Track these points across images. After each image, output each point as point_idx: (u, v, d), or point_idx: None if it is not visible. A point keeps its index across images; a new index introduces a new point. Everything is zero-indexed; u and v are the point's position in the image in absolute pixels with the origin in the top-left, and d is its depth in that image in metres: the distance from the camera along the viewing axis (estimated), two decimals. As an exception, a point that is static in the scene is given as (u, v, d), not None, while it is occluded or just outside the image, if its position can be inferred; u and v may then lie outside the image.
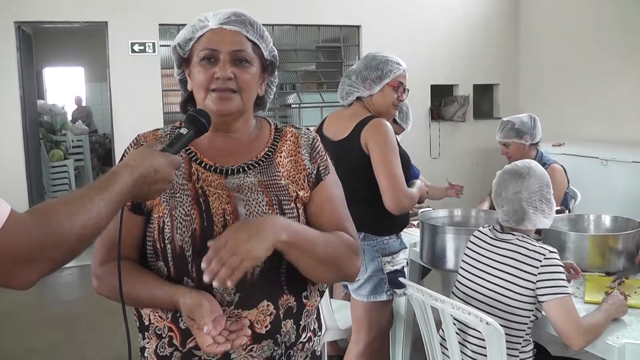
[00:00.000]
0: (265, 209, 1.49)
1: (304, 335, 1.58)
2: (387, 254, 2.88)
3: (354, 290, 2.93)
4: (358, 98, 2.95)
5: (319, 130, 3.06)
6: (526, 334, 2.29)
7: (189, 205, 1.49)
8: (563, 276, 2.20)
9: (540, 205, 2.34)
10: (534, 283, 2.20)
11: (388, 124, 2.84)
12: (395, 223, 2.92)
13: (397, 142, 2.86)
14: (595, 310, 2.27)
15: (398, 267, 2.92)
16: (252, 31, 1.54)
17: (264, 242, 1.34)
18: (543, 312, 2.26)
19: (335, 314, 3.20)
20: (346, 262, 1.56)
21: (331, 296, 3.31)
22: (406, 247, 3.05)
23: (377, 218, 2.83)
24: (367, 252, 2.86)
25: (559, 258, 2.24)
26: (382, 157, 2.75)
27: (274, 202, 1.51)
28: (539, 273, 2.20)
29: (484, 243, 2.42)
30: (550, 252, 2.23)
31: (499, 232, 2.40)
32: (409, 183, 3.01)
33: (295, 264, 1.47)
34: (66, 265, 1.13)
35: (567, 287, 2.20)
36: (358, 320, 2.96)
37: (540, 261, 2.21)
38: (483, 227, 2.51)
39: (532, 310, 2.26)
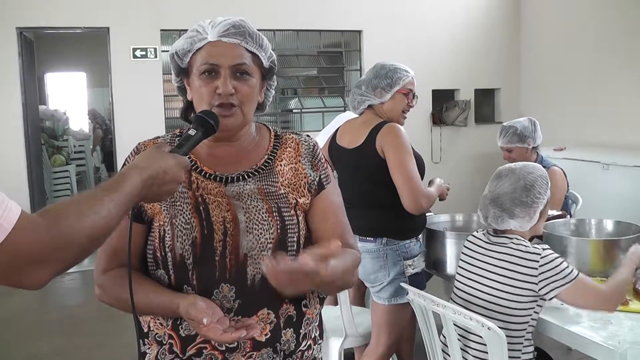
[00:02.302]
0: (265, 216, 1.49)
1: (304, 344, 1.58)
2: (409, 257, 2.92)
3: (375, 293, 2.96)
4: (369, 106, 3.03)
5: (333, 141, 3.12)
6: (527, 332, 2.29)
7: (189, 214, 1.49)
8: (563, 264, 2.21)
9: (509, 206, 2.31)
10: (536, 284, 2.20)
11: (402, 127, 2.90)
12: (415, 226, 2.96)
13: (412, 146, 2.90)
14: (617, 271, 2.34)
15: (418, 269, 2.95)
16: (252, 42, 1.53)
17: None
18: (542, 316, 2.27)
19: (355, 320, 3.18)
20: (353, 276, 1.57)
21: (352, 303, 3.29)
22: (425, 250, 3.07)
23: (397, 222, 2.89)
24: (390, 257, 2.89)
25: (552, 251, 2.26)
26: (398, 159, 2.81)
27: (273, 209, 1.51)
28: (539, 274, 2.20)
29: (478, 247, 2.43)
30: (544, 249, 2.24)
31: (492, 235, 2.40)
32: (430, 181, 3.06)
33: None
34: (68, 271, 1.14)
35: (570, 271, 2.21)
36: (379, 323, 2.98)
37: (538, 261, 2.21)
38: (477, 231, 2.51)
39: (533, 307, 2.26)
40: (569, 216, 3.71)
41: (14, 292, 5.05)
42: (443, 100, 8.34)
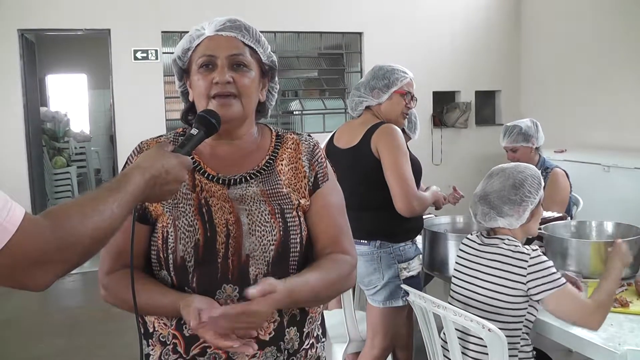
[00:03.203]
0: (268, 218, 1.50)
1: (307, 342, 1.59)
2: (404, 260, 2.91)
3: (370, 296, 2.96)
4: (367, 107, 3.02)
5: (330, 142, 3.11)
6: (523, 332, 2.29)
7: (192, 216, 1.49)
8: (552, 269, 2.21)
9: (498, 203, 2.32)
10: (525, 284, 2.21)
11: (397, 128, 2.90)
12: (409, 228, 2.95)
13: (408, 148, 2.90)
14: (602, 280, 2.29)
15: (414, 272, 2.94)
16: (249, 36, 1.55)
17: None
18: (542, 318, 2.27)
19: (359, 326, 3.18)
20: (344, 286, 1.60)
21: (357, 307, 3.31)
22: (421, 253, 3.06)
23: (391, 224, 2.88)
24: (384, 259, 2.89)
25: (542, 254, 2.25)
26: (392, 160, 2.80)
27: (276, 210, 1.51)
28: (528, 273, 2.20)
29: (472, 249, 2.44)
30: (533, 250, 2.25)
31: (485, 237, 2.41)
32: (426, 188, 3.05)
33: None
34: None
35: (559, 277, 2.20)
36: (374, 326, 2.98)
37: (527, 261, 2.22)
38: (471, 234, 2.52)
39: (526, 308, 2.26)
40: (569, 218, 3.71)
41: (15, 293, 5.05)
42: (444, 102, 8.35)
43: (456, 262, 2.51)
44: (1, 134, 6.68)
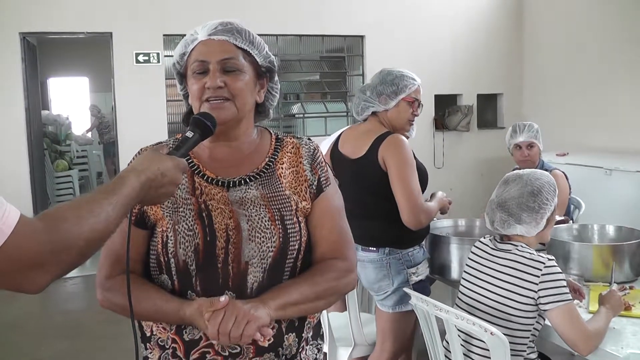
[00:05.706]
0: (268, 224, 1.49)
1: (302, 346, 1.58)
2: (413, 265, 2.89)
3: (379, 301, 2.95)
4: (373, 113, 2.98)
5: (334, 146, 3.08)
6: (530, 341, 2.29)
7: (192, 220, 1.49)
8: (564, 283, 2.20)
9: (516, 210, 2.31)
10: (536, 292, 2.20)
11: (405, 139, 2.86)
12: (417, 234, 2.93)
13: (415, 156, 2.87)
14: (596, 315, 2.27)
15: (422, 277, 2.93)
16: (241, 38, 1.55)
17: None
18: (546, 322, 2.26)
19: (364, 329, 3.17)
20: (340, 290, 1.59)
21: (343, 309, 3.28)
22: (429, 256, 3.05)
23: (399, 232, 2.85)
24: (393, 266, 2.87)
25: (557, 265, 2.24)
26: (399, 173, 2.78)
27: (276, 217, 1.51)
28: (540, 282, 2.19)
29: (484, 253, 2.42)
30: (549, 259, 2.23)
31: (499, 242, 2.40)
32: (431, 194, 3.03)
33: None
34: (70, 275, 1.14)
35: (568, 293, 2.19)
36: (383, 331, 2.97)
37: (541, 270, 2.20)
38: (484, 237, 2.51)
39: (535, 318, 2.26)
40: (571, 221, 3.71)
41: (16, 297, 5.06)
42: (445, 105, 8.34)
43: (466, 265, 2.50)
44: (3, 137, 6.68)
